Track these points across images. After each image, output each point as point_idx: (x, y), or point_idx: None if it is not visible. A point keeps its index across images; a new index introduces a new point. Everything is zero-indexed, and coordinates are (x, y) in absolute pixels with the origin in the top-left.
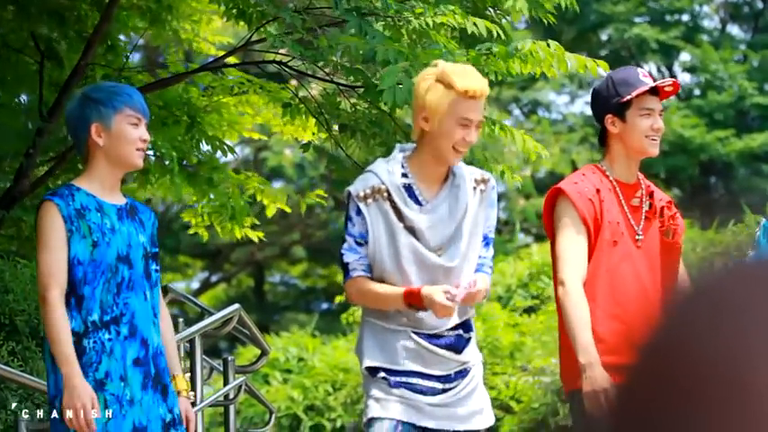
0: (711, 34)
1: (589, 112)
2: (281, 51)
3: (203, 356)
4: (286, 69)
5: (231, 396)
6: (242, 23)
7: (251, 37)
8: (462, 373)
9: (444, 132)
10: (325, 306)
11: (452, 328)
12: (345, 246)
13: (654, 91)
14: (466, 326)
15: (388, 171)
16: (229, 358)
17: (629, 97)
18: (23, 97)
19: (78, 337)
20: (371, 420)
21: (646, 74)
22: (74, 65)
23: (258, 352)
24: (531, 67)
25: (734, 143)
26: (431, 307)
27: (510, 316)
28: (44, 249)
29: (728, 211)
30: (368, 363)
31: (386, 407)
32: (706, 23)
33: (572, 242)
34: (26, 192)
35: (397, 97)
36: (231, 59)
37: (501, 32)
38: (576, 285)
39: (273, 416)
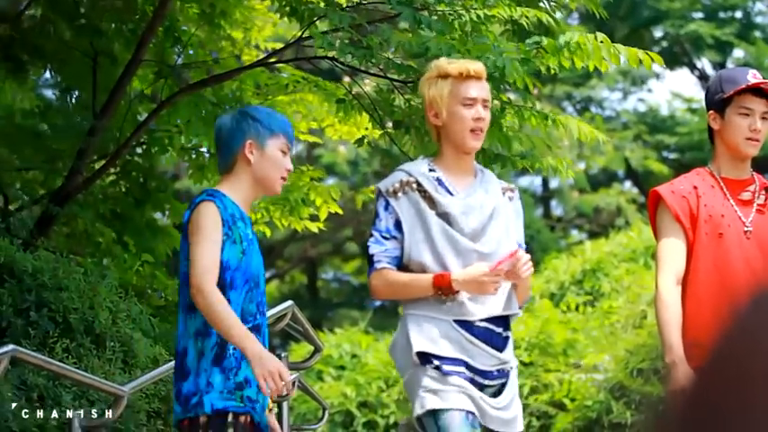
0: (765, 31)
1: (642, 108)
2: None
3: None
4: (338, 66)
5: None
6: (293, 22)
7: (303, 33)
8: (502, 374)
9: (454, 117)
10: (378, 303)
11: (493, 320)
12: (371, 239)
13: (762, 94)
14: (506, 323)
15: (415, 166)
16: (282, 355)
17: (729, 94)
18: (76, 95)
19: (221, 341)
20: (435, 412)
21: (757, 75)
22: (126, 62)
23: (311, 349)
24: (581, 60)
25: None
26: (468, 286)
27: (563, 313)
28: (204, 243)
29: None
30: (418, 348)
31: (447, 398)
32: (760, 20)
33: (667, 243)
34: (79, 188)
35: None
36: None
37: (552, 21)
38: (667, 288)
39: (326, 412)
